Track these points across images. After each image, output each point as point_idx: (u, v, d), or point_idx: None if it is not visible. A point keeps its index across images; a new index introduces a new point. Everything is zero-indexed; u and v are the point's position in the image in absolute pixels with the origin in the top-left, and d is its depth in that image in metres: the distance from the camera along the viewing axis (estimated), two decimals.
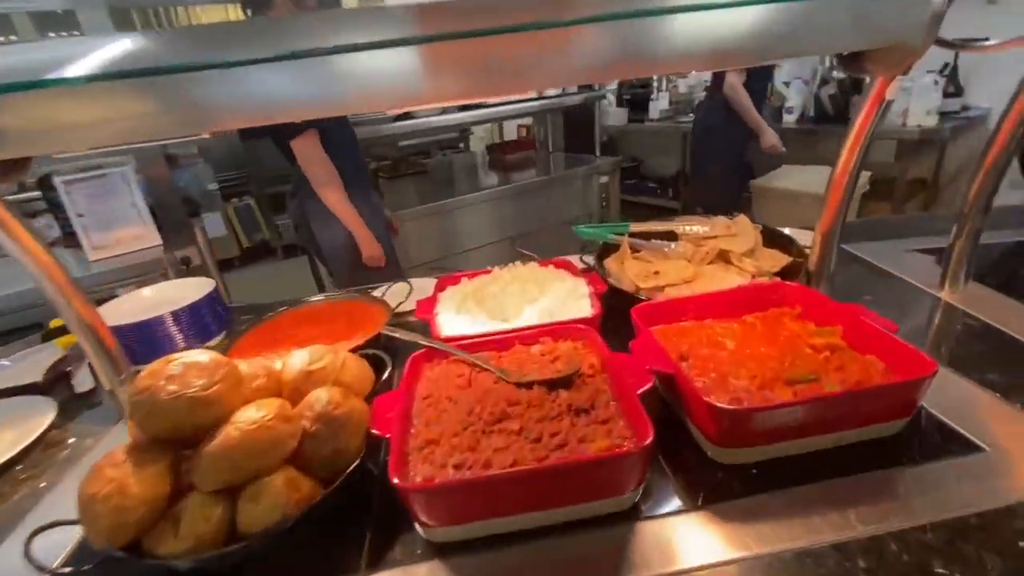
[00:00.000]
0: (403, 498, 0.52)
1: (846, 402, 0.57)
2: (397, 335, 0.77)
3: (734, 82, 2.54)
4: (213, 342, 1.05)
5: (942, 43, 0.60)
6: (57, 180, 1.89)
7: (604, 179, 2.96)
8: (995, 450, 0.56)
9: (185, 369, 0.52)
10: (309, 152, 1.68)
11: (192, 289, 1.08)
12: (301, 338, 0.91)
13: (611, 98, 4.46)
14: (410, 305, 1.01)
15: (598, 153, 3.15)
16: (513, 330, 0.77)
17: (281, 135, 1.71)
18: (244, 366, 0.60)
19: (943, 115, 2.79)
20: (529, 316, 0.84)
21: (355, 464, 0.56)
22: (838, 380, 0.61)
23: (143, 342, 0.99)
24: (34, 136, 0.54)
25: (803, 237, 1.02)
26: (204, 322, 1.05)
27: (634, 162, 4.57)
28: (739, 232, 1.03)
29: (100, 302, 2.01)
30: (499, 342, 0.75)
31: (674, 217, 1.13)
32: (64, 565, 0.54)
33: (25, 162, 0.62)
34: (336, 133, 1.76)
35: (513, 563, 0.52)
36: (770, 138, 2.67)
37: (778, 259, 0.98)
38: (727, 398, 0.60)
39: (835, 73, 3.29)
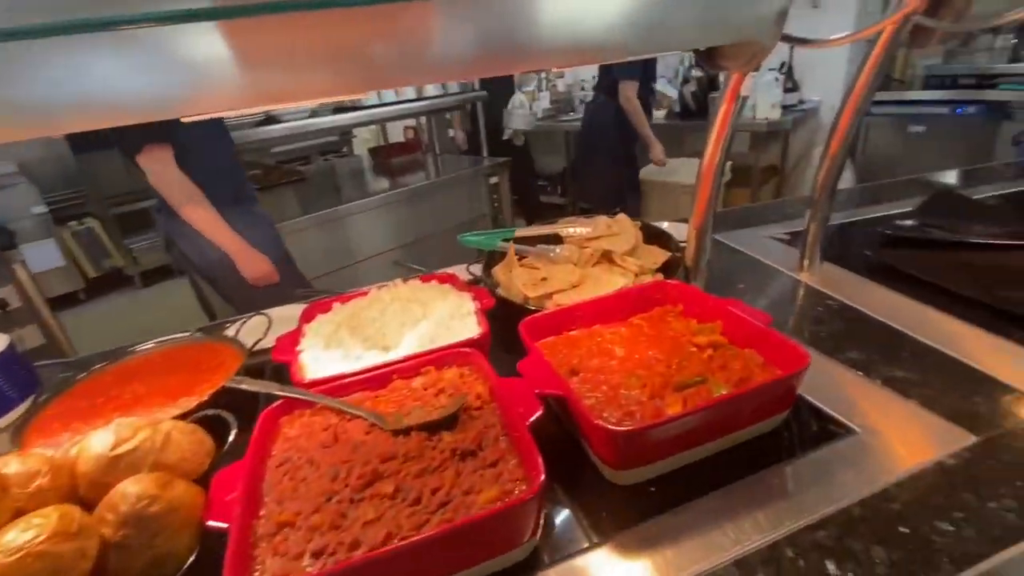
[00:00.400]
0: None
1: (733, 404, 0.56)
2: (244, 386, 0.64)
3: (629, 94, 2.61)
4: (14, 414, 0.83)
5: (788, 39, 0.62)
6: None
7: (494, 180, 2.93)
8: (865, 431, 0.59)
9: None
10: (156, 170, 1.42)
11: None
12: (127, 401, 0.73)
13: (523, 99, 4.41)
14: (271, 342, 0.87)
15: (485, 153, 3.11)
16: (389, 363, 0.68)
17: (124, 149, 1.44)
18: (15, 464, 0.45)
19: (784, 108, 3.14)
20: (409, 343, 0.75)
21: (186, 567, 0.44)
22: (723, 379, 0.60)
23: None
24: None
25: (682, 231, 1.05)
26: None
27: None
28: (620, 231, 1.03)
29: None
30: (374, 379, 0.66)
31: (557, 220, 1.11)
32: None
33: None
34: (203, 140, 1.51)
35: None
36: (658, 152, 2.84)
37: (658, 255, 0.99)
38: (619, 414, 0.57)
39: (694, 72, 3.57)
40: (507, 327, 0.75)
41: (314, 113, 2.46)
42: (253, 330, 0.88)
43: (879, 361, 0.71)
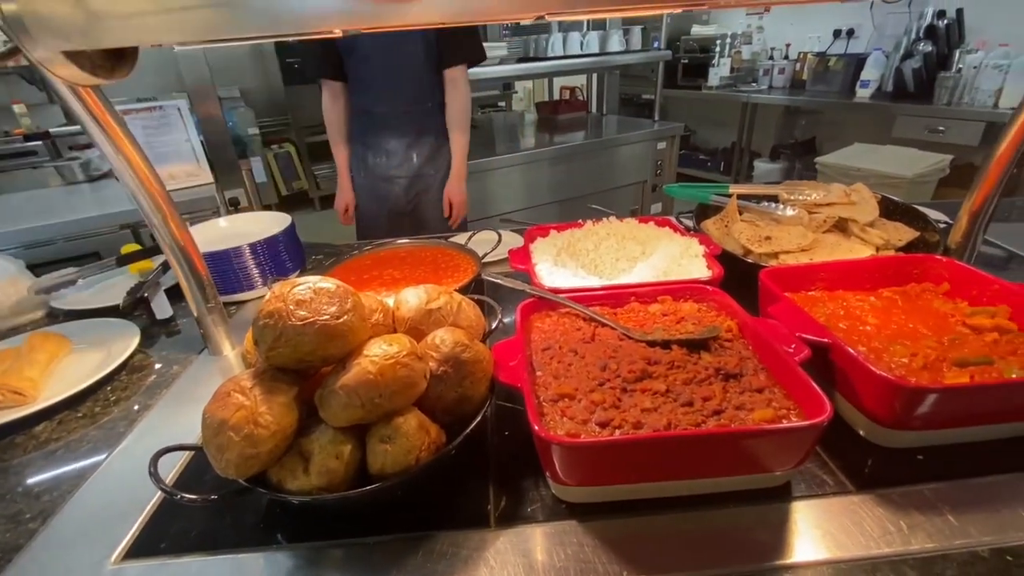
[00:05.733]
0: (543, 453, 0.47)
1: None
2: (500, 281, 0.72)
3: None
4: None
5: None
6: None
7: (662, 145, 2.82)
8: None
9: (314, 295, 0.48)
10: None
11: (269, 223, 1.04)
12: (386, 280, 0.86)
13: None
14: (496, 256, 0.96)
15: (656, 117, 2.99)
16: (627, 285, 0.71)
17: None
18: (363, 299, 0.56)
19: None
20: (641, 273, 0.78)
21: (484, 411, 0.51)
22: (1018, 365, 0.54)
23: (218, 273, 0.96)
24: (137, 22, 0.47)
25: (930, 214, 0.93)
26: (281, 258, 1.02)
27: (686, 132, 4.36)
28: (859, 200, 0.94)
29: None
30: (612, 297, 0.69)
31: (780, 181, 1.04)
32: (179, 488, 0.51)
33: (132, 56, 0.57)
34: (367, 73, 1.53)
35: (646, 531, 0.47)
36: None
37: (903, 232, 0.89)
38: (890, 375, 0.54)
39: (923, 45, 3.03)
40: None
41: (501, 61, 2.55)
42: (479, 244, 0.97)
43: None
